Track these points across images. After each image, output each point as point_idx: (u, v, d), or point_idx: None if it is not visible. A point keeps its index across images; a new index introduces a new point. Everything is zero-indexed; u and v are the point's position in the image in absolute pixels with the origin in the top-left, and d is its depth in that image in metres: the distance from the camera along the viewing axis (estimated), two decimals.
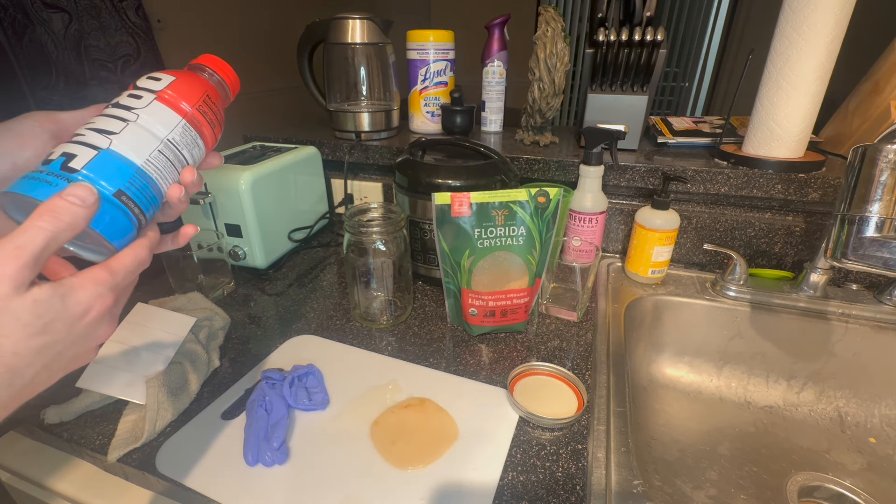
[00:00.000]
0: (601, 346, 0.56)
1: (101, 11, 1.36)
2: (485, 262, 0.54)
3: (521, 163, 0.75)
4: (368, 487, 0.38)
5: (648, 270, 0.68)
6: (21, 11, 1.20)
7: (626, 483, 0.39)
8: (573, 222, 0.67)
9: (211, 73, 0.33)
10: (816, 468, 0.56)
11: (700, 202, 0.72)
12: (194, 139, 0.31)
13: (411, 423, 0.45)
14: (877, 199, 0.45)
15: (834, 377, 0.63)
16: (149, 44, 1.48)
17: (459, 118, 0.86)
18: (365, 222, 0.58)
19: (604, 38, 0.70)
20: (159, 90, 0.29)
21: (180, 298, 0.60)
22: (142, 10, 1.45)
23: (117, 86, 1.43)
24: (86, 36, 1.34)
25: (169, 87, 0.29)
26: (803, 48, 0.58)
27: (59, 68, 1.30)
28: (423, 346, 0.57)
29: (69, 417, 0.45)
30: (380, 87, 0.88)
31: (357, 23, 0.82)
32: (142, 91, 0.29)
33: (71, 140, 0.26)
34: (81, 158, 0.25)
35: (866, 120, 0.71)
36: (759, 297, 0.65)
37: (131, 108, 0.28)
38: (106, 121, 0.27)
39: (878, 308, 0.61)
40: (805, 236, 0.68)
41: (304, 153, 0.80)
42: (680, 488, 0.53)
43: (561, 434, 0.44)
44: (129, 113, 0.27)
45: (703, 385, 0.68)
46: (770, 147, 0.65)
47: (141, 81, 0.29)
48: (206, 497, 0.38)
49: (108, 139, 0.26)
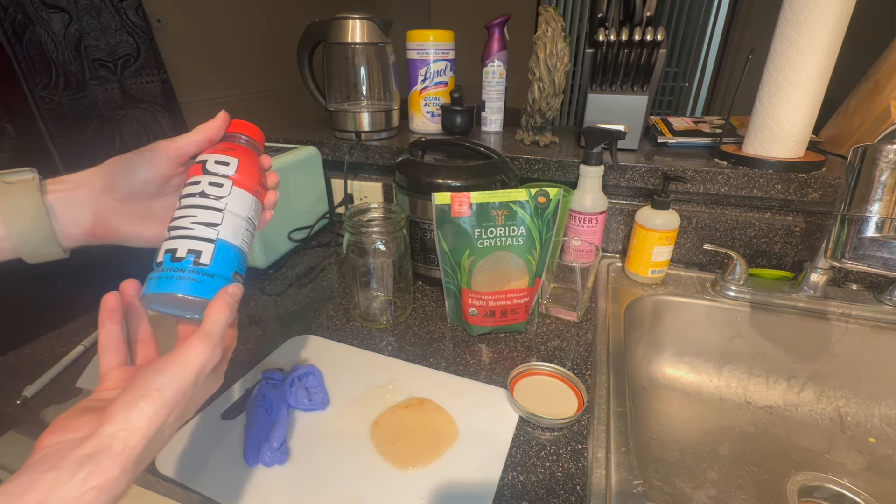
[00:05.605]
0: (601, 346, 0.56)
1: (101, 11, 1.36)
2: (485, 262, 0.54)
3: (521, 163, 0.75)
4: (368, 487, 0.38)
5: (648, 270, 0.68)
6: (21, 11, 1.20)
7: (626, 483, 0.39)
8: (573, 222, 0.67)
9: (248, 140, 0.37)
10: (816, 468, 0.56)
11: (700, 202, 0.72)
12: (259, 206, 0.36)
13: (411, 423, 0.45)
14: (877, 199, 0.45)
15: (834, 377, 0.63)
16: (149, 44, 1.48)
17: (459, 118, 0.86)
18: (365, 222, 0.58)
19: (604, 38, 0.70)
20: (233, 175, 0.33)
21: None
22: (142, 10, 1.45)
23: (117, 86, 1.43)
24: (86, 36, 1.34)
25: (238, 171, 0.34)
26: (803, 48, 0.58)
27: (59, 68, 1.30)
28: (423, 346, 0.57)
29: None
30: (380, 87, 0.88)
31: (357, 23, 0.82)
32: (219, 178, 0.33)
33: (183, 235, 0.31)
34: (206, 254, 0.30)
35: (866, 120, 0.71)
36: (759, 297, 0.65)
37: (219, 197, 0.32)
38: (204, 213, 0.31)
39: (878, 308, 0.61)
40: (805, 236, 0.68)
41: (304, 153, 0.80)
42: (680, 488, 0.53)
43: (561, 434, 0.44)
44: (219, 202, 0.32)
45: (703, 385, 0.68)
46: (770, 147, 0.65)
47: (211, 166, 0.33)
48: (206, 497, 0.38)
49: (215, 231, 0.31)
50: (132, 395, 0.25)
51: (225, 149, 0.35)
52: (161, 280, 0.29)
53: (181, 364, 0.26)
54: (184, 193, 0.32)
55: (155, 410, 0.24)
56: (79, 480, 0.21)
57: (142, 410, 0.24)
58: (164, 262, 0.30)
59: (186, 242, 0.30)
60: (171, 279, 0.29)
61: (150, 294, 0.29)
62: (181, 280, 0.29)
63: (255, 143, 0.37)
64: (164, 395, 0.25)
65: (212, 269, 0.30)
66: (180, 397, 0.26)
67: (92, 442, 0.23)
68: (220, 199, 0.32)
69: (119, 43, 1.42)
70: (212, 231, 0.31)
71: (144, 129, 1.53)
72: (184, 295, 0.29)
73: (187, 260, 0.30)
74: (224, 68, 1.85)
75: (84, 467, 0.22)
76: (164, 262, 0.30)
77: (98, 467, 0.22)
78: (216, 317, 0.28)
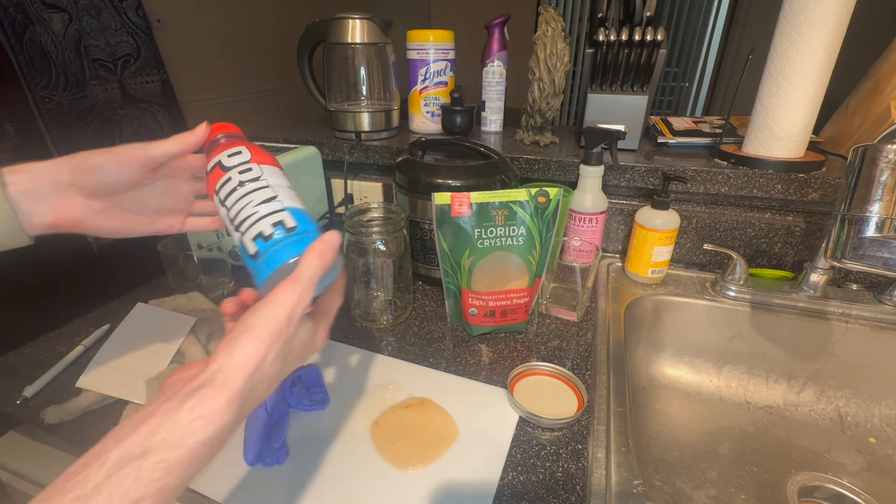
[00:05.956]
0: (601, 346, 0.56)
1: (101, 11, 1.36)
2: (485, 262, 0.54)
3: (521, 163, 0.75)
4: (368, 487, 0.38)
5: (648, 270, 0.68)
6: (21, 11, 1.20)
7: (626, 483, 0.39)
8: (573, 222, 0.67)
9: (233, 135, 0.38)
10: (816, 468, 0.56)
11: (700, 202, 0.72)
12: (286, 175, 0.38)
13: (411, 423, 0.45)
14: (877, 200, 0.45)
15: (834, 377, 0.63)
16: (149, 44, 1.48)
17: (459, 118, 0.85)
18: (365, 222, 0.58)
19: (604, 38, 0.70)
20: (253, 158, 0.35)
21: (180, 298, 0.60)
22: (142, 10, 1.45)
23: (117, 85, 1.43)
24: (86, 36, 1.34)
25: (252, 154, 0.35)
26: (803, 48, 0.58)
27: (59, 68, 1.29)
28: (423, 346, 0.57)
29: (69, 417, 0.45)
30: (380, 87, 0.88)
31: (357, 23, 0.82)
32: (243, 165, 0.34)
33: (255, 220, 0.32)
34: (288, 220, 0.32)
35: (866, 120, 0.71)
36: (759, 297, 0.65)
37: (257, 177, 0.34)
38: (256, 194, 0.33)
39: (878, 308, 0.61)
40: (805, 236, 0.68)
41: (304, 153, 0.80)
42: (680, 488, 0.53)
43: (561, 434, 0.44)
44: (260, 181, 0.34)
45: (703, 385, 0.68)
46: (770, 147, 0.65)
47: (227, 161, 0.35)
48: (206, 497, 0.38)
49: (278, 202, 0.33)
50: (233, 334, 0.27)
51: (225, 146, 0.35)
52: (268, 261, 0.30)
53: (273, 304, 0.28)
54: (222, 197, 0.34)
55: (254, 346, 0.26)
56: (187, 409, 0.24)
57: (241, 346, 0.26)
58: (259, 247, 0.31)
59: (264, 222, 0.31)
60: (276, 254, 0.31)
61: (267, 277, 0.30)
62: (284, 249, 0.31)
63: (240, 135, 0.39)
64: (259, 332, 0.27)
65: (301, 228, 0.32)
66: (275, 335, 0.27)
67: (200, 377, 0.25)
68: (259, 178, 0.34)
69: (119, 43, 1.42)
70: (275, 203, 0.33)
71: (144, 129, 1.53)
72: (294, 258, 0.30)
73: (277, 231, 0.31)
74: (224, 68, 1.85)
75: (191, 398, 0.24)
76: (258, 248, 0.31)
77: (204, 398, 0.24)
78: (307, 262, 0.30)
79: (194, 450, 0.23)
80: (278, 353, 0.28)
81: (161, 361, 0.49)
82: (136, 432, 0.23)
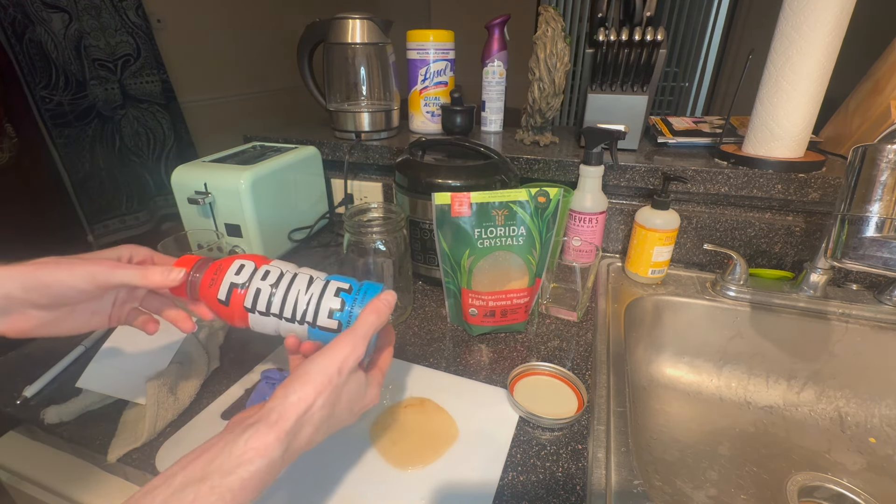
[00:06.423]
0: (601, 346, 0.56)
1: (101, 11, 1.36)
2: (485, 262, 0.54)
3: (521, 163, 0.75)
4: (368, 487, 0.38)
5: (648, 270, 0.68)
6: (21, 11, 1.20)
7: (626, 483, 0.39)
8: (573, 222, 0.67)
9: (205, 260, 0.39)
10: (816, 468, 0.56)
11: (700, 202, 0.72)
12: None
13: (411, 423, 0.45)
14: (877, 200, 0.45)
15: (834, 377, 0.63)
16: (149, 44, 1.48)
17: (459, 118, 0.86)
18: (365, 222, 0.58)
19: (604, 38, 0.70)
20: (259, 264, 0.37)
21: None
22: (142, 10, 1.45)
23: (117, 85, 1.43)
24: (86, 36, 1.34)
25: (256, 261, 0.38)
26: (803, 48, 0.58)
27: (59, 68, 1.29)
28: (423, 346, 0.57)
29: (69, 417, 0.45)
30: (380, 87, 0.88)
31: (357, 23, 0.82)
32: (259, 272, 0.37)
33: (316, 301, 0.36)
34: (342, 285, 0.37)
35: (866, 120, 0.71)
36: (759, 297, 0.65)
37: (283, 271, 0.37)
38: (297, 281, 0.37)
39: (878, 308, 0.61)
40: (805, 236, 0.68)
41: (304, 153, 0.80)
42: (680, 488, 0.53)
43: (561, 434, 0.44)
44: (289, 274, 0.37)
45: (703, 385, 0.68)
46: (770, 147, 0.65)
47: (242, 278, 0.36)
48: None
49: (321, 279, 0.37)
50: (290, 379, 0.30)
51: (217, 268, 0.37)
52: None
53: (329, 356, 0.31)
54: (263, 309, 0.36)
55: (306, 390, 0.29)
56: (242, 441, 0.27)
57: (294, 390, 0.29)
58: (340, 320, 0.35)
59: (326, 300, 0.36)
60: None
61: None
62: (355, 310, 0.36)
63: (209, 258, 0.39)
64: (312, 378, 0.30)
65: (355, 287, 0.37)
66: (326, 382, 0.30)
67: (258, 414, 0.29)
68: (282, 274, 0.37)
69: (119, 43, 1.42)
70: (319, 282, 0.37)
71: (144, 128, 1.53)
72: None
73: (345, 299, 0.36)
74: (224, 68, 1.85)
75: (247, 431, 0.27)
76: (339, 321, 0.35)
77: (257, 432, 0.27)
78: (364, 317, 0.34)
79: (244, 479, 0.26)
80: (327, 398, 0.30)
81: (161, 361, 0.49)
82: (199, 459, 0.26)
